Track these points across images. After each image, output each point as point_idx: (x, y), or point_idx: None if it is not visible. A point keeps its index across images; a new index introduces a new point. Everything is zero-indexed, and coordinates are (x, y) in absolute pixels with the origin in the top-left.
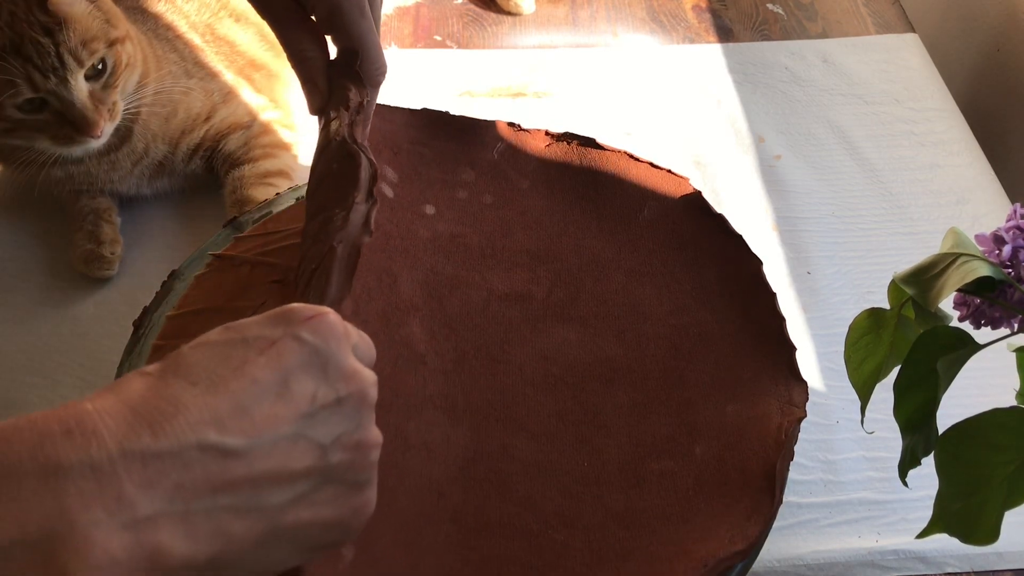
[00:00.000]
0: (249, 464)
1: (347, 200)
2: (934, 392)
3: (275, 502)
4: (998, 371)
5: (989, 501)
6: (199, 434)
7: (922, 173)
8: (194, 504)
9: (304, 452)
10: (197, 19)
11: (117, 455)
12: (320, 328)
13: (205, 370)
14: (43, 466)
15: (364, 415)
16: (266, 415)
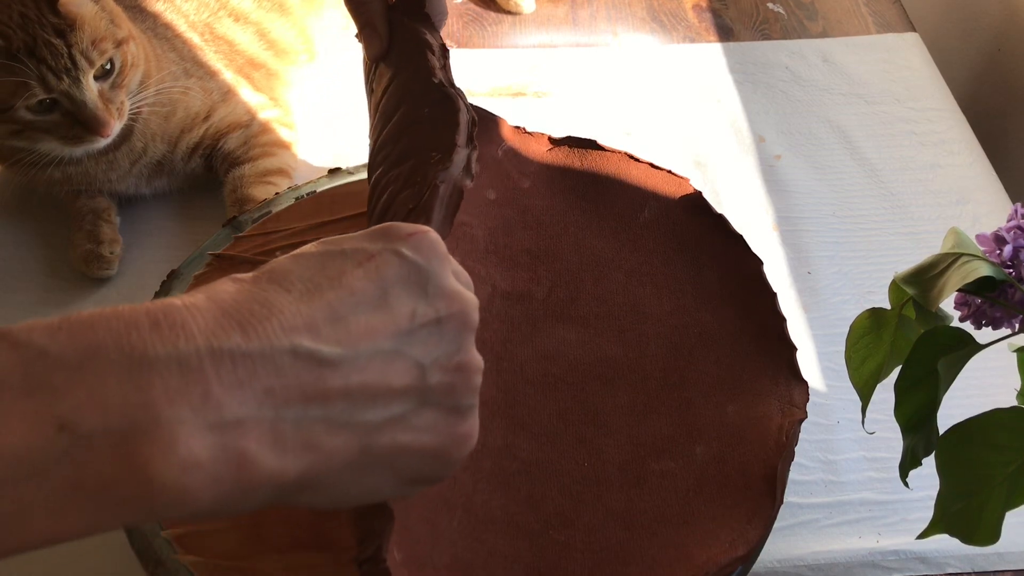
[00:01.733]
0: (344, 375)
1: (445, 144)
2: (935, 392)
3: (370, 419)
4: (999, 371)
5: (990, 501)
6: (292, 339)
7: (923, 173)
8: (284, 412)
9: (402, 370)
10: (196, 18)
11: (205, 352)
12: (421, 245)
13: (300, 279)
14: (128, 356)
15: (465, 337)
16: (363, 327)
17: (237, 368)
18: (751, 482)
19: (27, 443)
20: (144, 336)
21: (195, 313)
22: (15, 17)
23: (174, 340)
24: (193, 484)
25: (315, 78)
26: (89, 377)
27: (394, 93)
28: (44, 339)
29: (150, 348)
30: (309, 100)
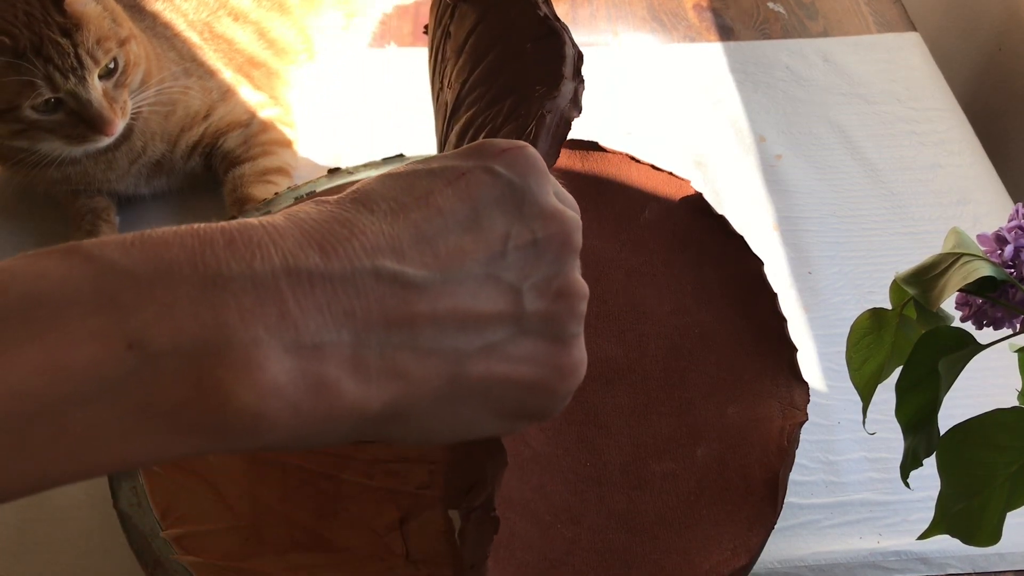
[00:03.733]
0: (431, 299)
1: (551, 76)
2: (936, 393)
3: (461, 347)
4: (1000, 371)
5: (991, 502)
6: (375, 260)
7: (923, 173)
8: (366, 337)
9: (495, 294)
10: (195, 17)
11: (282, 271)
12: (517, 161)
13: (385, 198)
14: (201, 274)
15: (566, 260)
16: (452, 248)
17: (315, 289)
18: (752, 486)
19: (96, 361)
20: (219, 254)
21: (272, 232)
22: (20, 16)
23: (249, 259)
24: (271, 411)
25: (315, 78)
26: (160, 294)
27: (486, 32)
28: (116, 254)
29: (224, 266)
30: (309, 100)
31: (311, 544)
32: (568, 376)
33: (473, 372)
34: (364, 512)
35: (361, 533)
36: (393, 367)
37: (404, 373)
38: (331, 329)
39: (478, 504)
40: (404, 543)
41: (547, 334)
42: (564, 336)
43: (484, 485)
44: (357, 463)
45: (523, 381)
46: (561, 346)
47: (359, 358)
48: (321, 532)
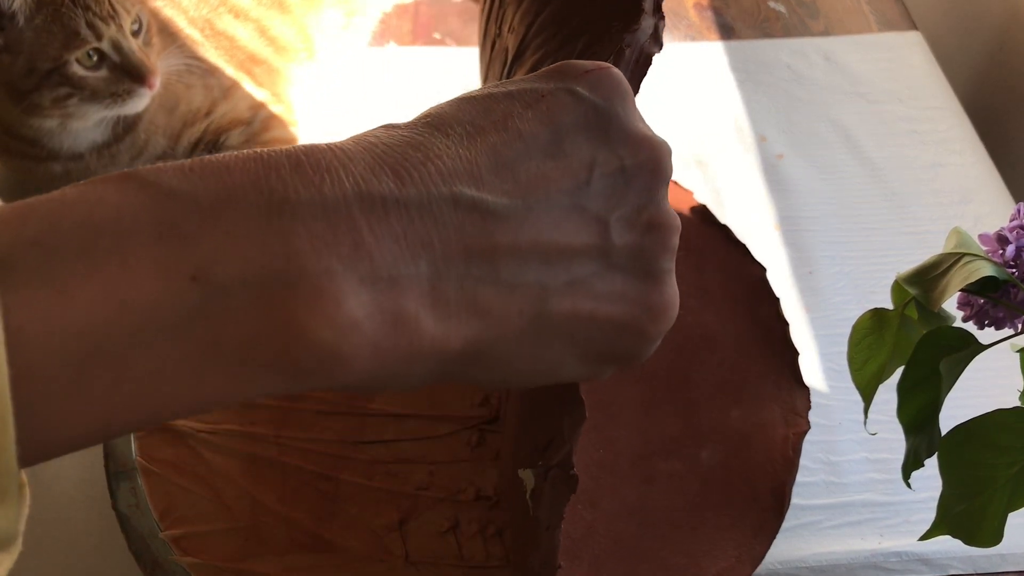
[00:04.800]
0: (513, 230)
1: (629, 12)
2: (937, 393)
3: (545, 282)
4: (1001, 372)
5: (992, 503)
6: (453, 186)
7: (925, 172)
8: (445, 270)
9: (580, 225)
10: (196, 14)
11: (354, 197)
12: (601, 83)
13: (460, 122)
14: (267, 200)
15: (657, 190)
16: (533, 175)
17: (390, 217)
18: (757, 494)
19: (158, 295)
20: (285, 178)
21: (341, 156)
22: None
23: (319, 183)
24: (349, 348)
25: (315, 77)
26: (224, 223)
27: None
28: (175, 181)
29: (292, 192)
30: (309, 99)
31: (310, 545)
32: (659, 316)
33: (558, 309)
34: (363, 513)
35: (360, 534)
36: (474, 302)
37: (485, 309)
38: (408, 260)
39: (556, 462)
40: (403, 544)
41: (636, 270)
42: (655, 272)
43: (561, 442)
44: (356, 464)
45: (611, 320)
46: (652, 283)
47: (438, 292)
48: (320, 533)
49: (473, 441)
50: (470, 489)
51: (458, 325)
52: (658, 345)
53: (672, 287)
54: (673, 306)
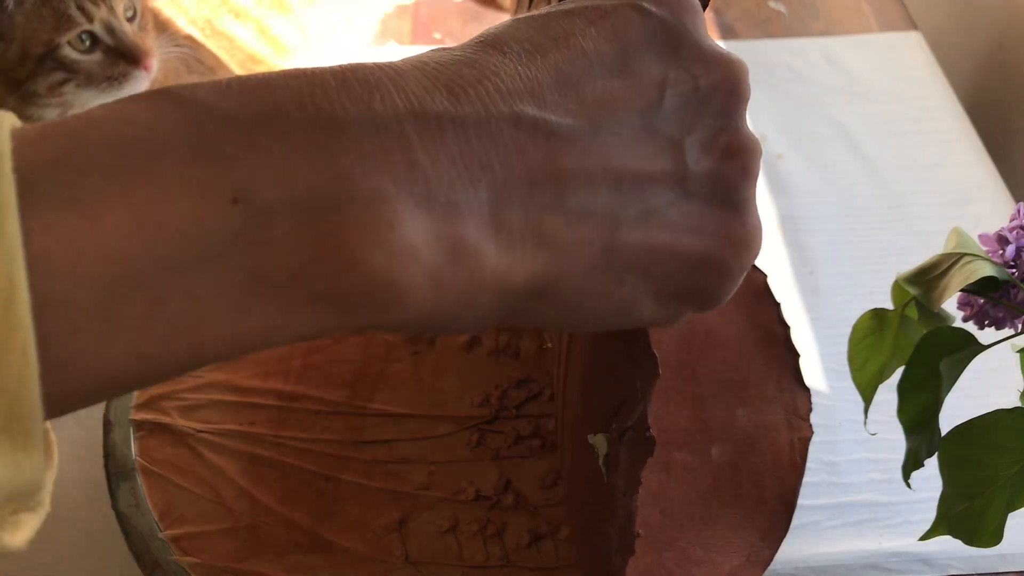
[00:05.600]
0: (580, 153)
1: None
2: (937, 393)
3: (616, 211)
4: (1002, 372)
5: (992, 503)
6: (513, 105)
7: (925, 172)
8: (507, 195)
9: (653, 150)
10: (196, 14)
11: (406, 114)
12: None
13: (517, 40)
14: (312, 118)
15: (735, 110)
16: (599, 95)
17: (446, 136)
18: (765, 496)
19: (196, 218)
20: (332, 96)
21: (391, 73)
22: None
23: (368, 100)
24: (406, 277)
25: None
26: (266, 140)
27: None
28: (211, 97)
29: (339, 109)
30: None
31: (310, 545)
32: (742, 249)
33: (630, 241)
34: (363, 513)
35: (360, 534)
36: (539, 232)
37: (552, 239)
38: (466, 184)
39: (631, 424)
40: (403, 544)
41: (715, 198)
42: (736, 200)
43: (634, 402)
44: (356, 464)
45: (689, 254)
46: (733, 212)
47: (500, 220)
48: (320, 533)
49: (473, 441)
50: (470, 489)
51: (522, 256)
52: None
53: (755, 217)
54: (757, 238)
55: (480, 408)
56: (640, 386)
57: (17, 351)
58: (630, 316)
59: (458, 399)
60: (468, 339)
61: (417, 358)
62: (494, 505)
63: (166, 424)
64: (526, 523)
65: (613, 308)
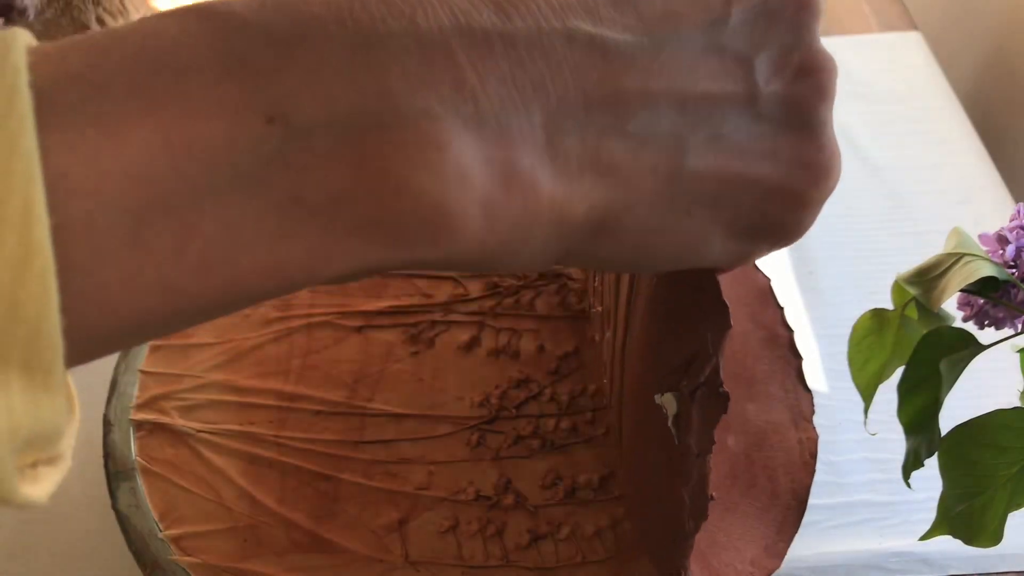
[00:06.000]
0: (640, 73)
1: None
2: (937, 393)
3: (681, 134)
4: (1002, 372)
5: (993, 503)
6: (566, 20)
7: (925, 172)
8: (562, 119)
9: (720, 69)
10: None
11: (452, 30)
12: None
13: None
14: (352, 33)
15: (808, 26)
16: (660, 10)
17: (495, 54)
18: (778, 491)
19: (227, 138)
20: (372, 10)
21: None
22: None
23: (411, 15)
24: (455, 204)
25: None
26: (304, 56)
27: None
28: (244, 11)
29: (380, 24)
30: None
31: (310, 545)
32: (820, 176)
33: (698, 169)
34: (363, 513)
35: (360, 534)
36: (598, 158)
37: (612, 167)
38: (518, 105)
39: (703, 380)
40: (403, 544)
41: (789, 121)
42: (811, 123)
43: (706, 356)
44: (356, 464)
45: (762, 183)
46: (809, 136)
47: (555, 145)
48: (320, 533)
49: (473, 441)
50: (470, 489)
51: (580, 185)
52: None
53: (833, 141)
54: (836, 164)
55: (480, 408)
56: (711, 339)
57: (35, 278)
58: (699, 253)
59: (458, 399)
60: (468, 339)
61: (417, 358)
62: (494, 505)
63: (166, 424)
64: (526, 523)
65: (680, 243)
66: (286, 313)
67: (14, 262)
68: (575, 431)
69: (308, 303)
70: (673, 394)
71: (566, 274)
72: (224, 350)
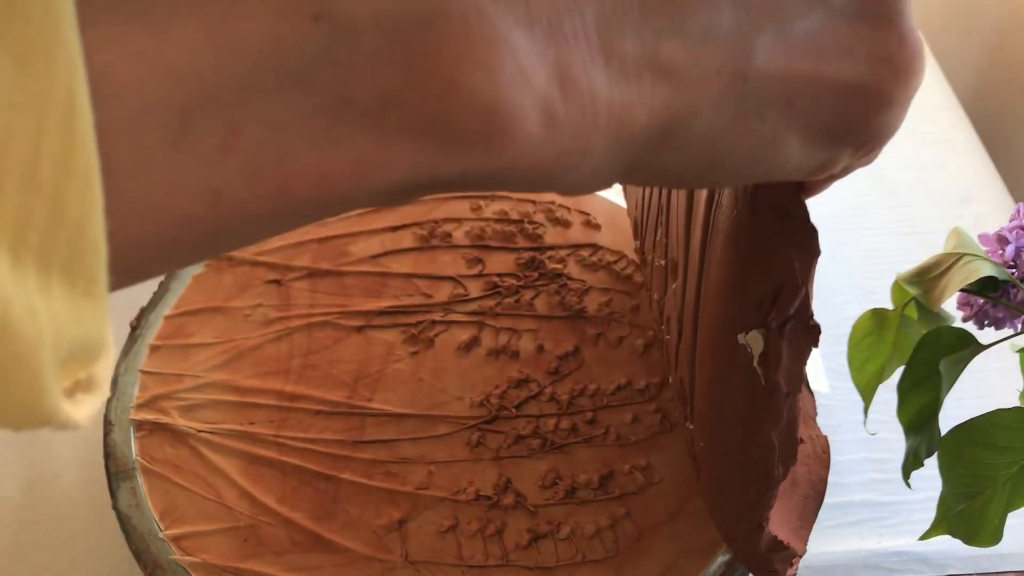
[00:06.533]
0: None
1: None
2: (937, 393)
3: (746, 31)
4: (1001, 372)
5: (992, 503)
6: None
7: (925, 172)
8: (617, 18)
9: None
10: None
11: None
12: None
13: None
14: None
15: None
16: None
17: None
18: (797, 479)
19: (273, 38)
20: None
21: None
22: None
23: None
24: (511, 104)
25: None
26: None
27: None
28: None
29: None
30: None
31: (310, 545)
32: (902, 71)
33: (766, 69)
34: (363, 513)
35: (360, 534)
36: (657, 60)
37: (673, 68)
38: (569, 4)
39: (792, 312)
40: (403, 544)
41: (865, 14)
42: (890, 15)
43: (794, 287)
44: (356, 464)
45: (839, 80)
46: (887, 29)
47: (611, 47)
48: (320, 533)
49: (473, 441)
50: (470, 489)
51: (640, 90)
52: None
53: (915, 33)
54: (920, 58)
55: (480, 408)
56: (799, 267)
57: (79, 175)
58: (774, 160)
59: (458, 399)
60: (468, 339)
61: (417, 358)
62: (494, 505)
63: (166, 424)
64: (526, 523)
65: (752, 150)
66: (286, 313)
67: (57, 157)
68: (575, 431)
69: (308, 303)
70: (759, 331)
71: (566, 274)
72: (224, 350)
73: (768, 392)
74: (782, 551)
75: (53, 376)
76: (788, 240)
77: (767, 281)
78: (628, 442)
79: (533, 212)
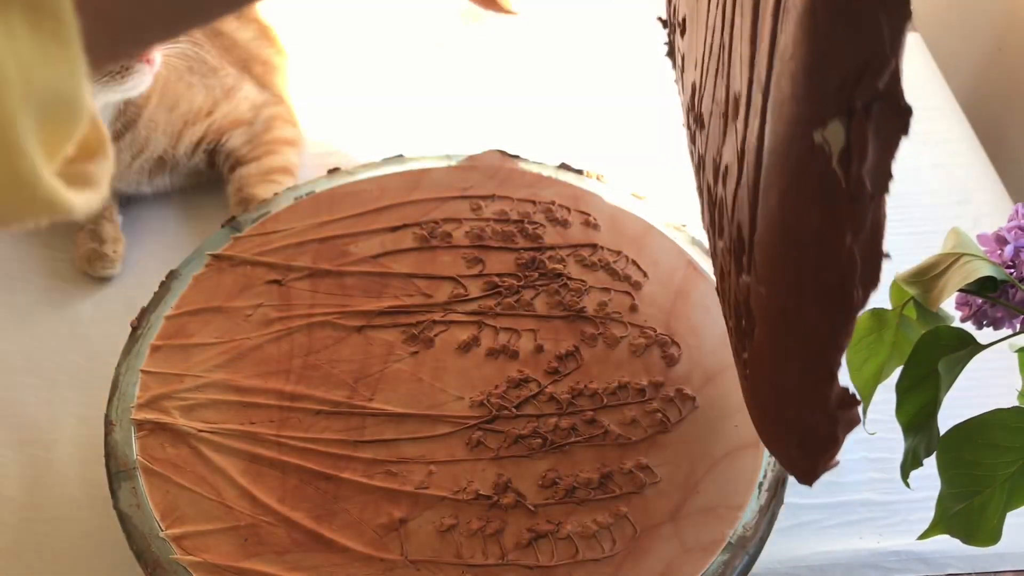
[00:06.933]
0: None
1: None
2: (936, 393)
3: None
4: (1000, 371)
5: (991, 502)
6: None
7: (924, 173)
8: None
9: None
10: None
11: None
12: None
13: None
14: None
15: None
16: None
17: None
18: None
19: None
20: None
21: None
22: None
23: None
24: None
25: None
26: None
27: None
28: None
29: None
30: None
31: (310, 544)
32: None
33: None
34: (363, 513)
35: (360, 534)
36: None
37: None
38: None
39: (882, 89)
40: (403, 544)
41: None
42: None
43: (883, 60)
44: (356, 464)
45: None
46: None
47: None
48: (320, 533)
49: (472, 441)
50: (470, 488)
51: None
52: None
53: None
54: None
55: (479, 408)
56: (889, 36)
57: None
58: None
59: (457, 399)
60: (468, 339)
61: (417, 358)
62: (494, 505)
63: (167, 424)
64: (526, 522)
65: None
66: (287, 313)
67: None
68: (574, 431)
69: (309, 303)
70: (840, 120)
71: (565, 274)
72: (225, 350)
73: (849, 196)
74: (851, 408)
75: (29, 128)
76: (873, 6)
77: (851, 56)
78: (628, 442)
79: (533, 212)
